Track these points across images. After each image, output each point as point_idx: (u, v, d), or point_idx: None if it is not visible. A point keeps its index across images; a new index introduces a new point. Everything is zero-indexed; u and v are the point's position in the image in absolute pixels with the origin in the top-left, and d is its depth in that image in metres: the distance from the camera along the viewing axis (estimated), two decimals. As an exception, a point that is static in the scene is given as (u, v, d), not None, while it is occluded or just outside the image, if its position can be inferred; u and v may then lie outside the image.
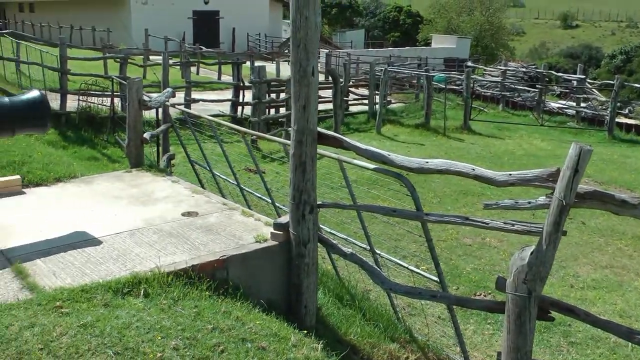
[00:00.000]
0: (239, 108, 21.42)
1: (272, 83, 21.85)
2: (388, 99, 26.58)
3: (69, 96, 17.54)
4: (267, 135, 10.57)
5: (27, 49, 22.38)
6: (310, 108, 6.69)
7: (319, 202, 7.12)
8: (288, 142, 8.08)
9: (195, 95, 21.73)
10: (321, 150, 7.11)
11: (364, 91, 28.38)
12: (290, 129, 7.19)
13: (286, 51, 45.48)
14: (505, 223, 5.78)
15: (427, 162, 6.36)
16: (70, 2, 49.57)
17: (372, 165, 6.95)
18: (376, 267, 7.47)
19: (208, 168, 10.54)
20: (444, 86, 29.12)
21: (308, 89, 6.62)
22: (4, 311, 5.45)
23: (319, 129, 6.87)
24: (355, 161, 7.28)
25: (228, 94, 22.63)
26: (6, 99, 7.53)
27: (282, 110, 21.36)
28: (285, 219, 7.18)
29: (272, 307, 6.61)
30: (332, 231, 9.27)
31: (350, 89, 27.13)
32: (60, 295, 5.69)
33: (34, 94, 7.52)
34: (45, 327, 5.18)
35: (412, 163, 6.42)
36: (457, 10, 72.89)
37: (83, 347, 4.92)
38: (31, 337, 5.05)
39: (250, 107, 19.97)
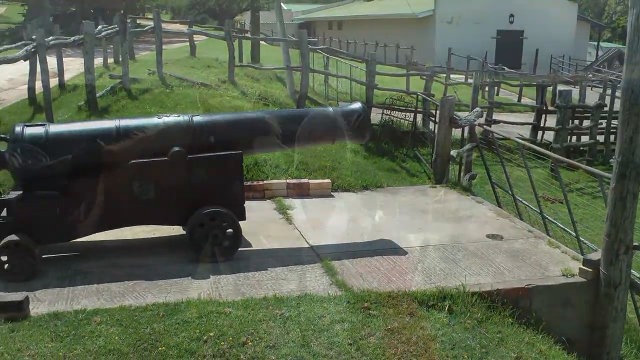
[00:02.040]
0: (539, 133, 20.75)
1: (577, 109, 20.84)
2: None
3: (372, 109, 18.27)
4: (582, 165, 10.05)
5: (336, 63, 23.82)
6: (638, 139, 6.25)
7: (635, 243, 6.63)
8: (605, 174, 7.65)
9: (494, 116, 21.48)
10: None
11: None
12: (612, 159, 6.78)
13: (590, 75, 43.20)
14: None
15: None
16: (377, 20, 51.92)
17: None
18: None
19: (510, 192, 10.35)
20: None
21: (638, 118, 6.19)
22: (316, 302, 5.88)
23: (646, 163, 6.40)
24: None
25: (527, 117, 22.04)
26: (330, 109, 8.05)
27: (584, 139, 20.27)
28: (596, 255, 6.80)
29: (572, 345, 6.30)
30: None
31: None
32: (368, 297, 5.97)
33: (357, 105, 7.93)
34: (354, 324, 5.46)
35: None
36: None
37: (390, 350, 5.09)
38: (341, 331, 5.36)
39: (550, 132, 19.25)
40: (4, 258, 6.44)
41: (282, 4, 26.56)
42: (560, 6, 49.44)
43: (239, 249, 7.07)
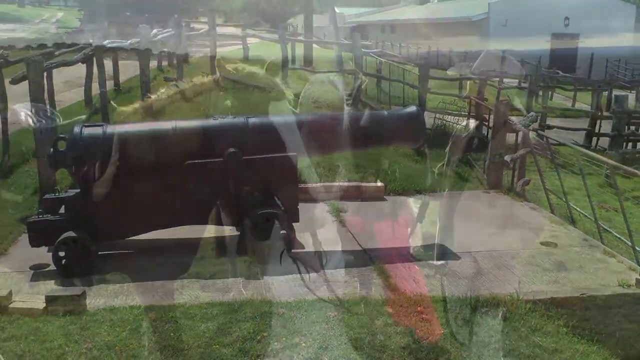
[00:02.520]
0: (593, 139, 20.35)
1: (633, 114, 20.36)
2: None
3: (425, 113, 18.11)
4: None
5: (389, 67, 23.75)
6: (702, 148, 6.10)
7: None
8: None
9: (547, 121, 21.15)
10: None
11: None
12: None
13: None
14: None
15: None
16: (430, 24, 51.55)
17: None
18: None
19: (564, 199, 10.16)
20: None
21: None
22: (368, 305, 5.93)
23: None
24: None
25: (581, 123, 21.64)
26: (385, 113, 8.05)
27: (641, 146, 19.80)
28: (653, 266, 6.66)
29: (628, 358, 6.15)
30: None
31: None
32: (421, 301, 5.96)
33: (412, 109, 7.92)
34: (407, 328, 5.45)
35: None
36: None
37: (443, 355, 5.09)
38: (394, 334, 5.38)
39: (604, 138, 18.85)
40: (62, 254, 6.63)
41: (335, 7, 26.59)
42: (618, 8, 48.46)
43: (293, 250, 7.12)
